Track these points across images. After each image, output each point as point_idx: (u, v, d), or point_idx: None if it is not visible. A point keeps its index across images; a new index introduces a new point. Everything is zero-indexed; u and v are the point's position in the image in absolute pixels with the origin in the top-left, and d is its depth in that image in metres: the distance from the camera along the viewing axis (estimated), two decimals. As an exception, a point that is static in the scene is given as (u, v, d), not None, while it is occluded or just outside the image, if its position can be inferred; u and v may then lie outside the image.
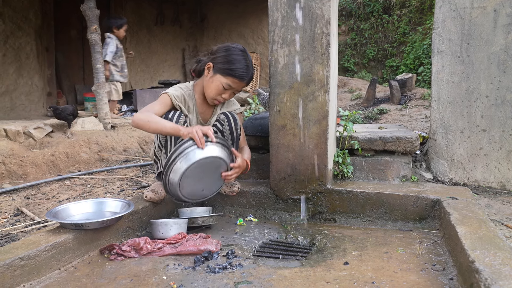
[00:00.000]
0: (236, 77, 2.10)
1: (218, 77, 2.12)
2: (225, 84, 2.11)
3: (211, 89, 2.14)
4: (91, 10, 4.40)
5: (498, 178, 2.48)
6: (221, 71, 2.11)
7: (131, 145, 4.26)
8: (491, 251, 1.36)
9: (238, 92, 2.21)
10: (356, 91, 6.92)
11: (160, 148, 2.14)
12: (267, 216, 2.36)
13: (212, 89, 2.14)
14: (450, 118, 2.54)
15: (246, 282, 1.53)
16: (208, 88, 2.16)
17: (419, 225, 2.09)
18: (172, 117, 2.06)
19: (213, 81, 2.13)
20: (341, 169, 2.42)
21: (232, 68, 2.09)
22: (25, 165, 3.56)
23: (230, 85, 2.12)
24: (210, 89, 2.14)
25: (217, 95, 2.15)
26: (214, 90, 2.14)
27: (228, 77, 2.10)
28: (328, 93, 2.17)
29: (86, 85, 6.66)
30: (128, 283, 1.55)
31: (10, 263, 1.48)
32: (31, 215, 2.41)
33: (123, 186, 2.98)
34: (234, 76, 2.10)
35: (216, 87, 2.13)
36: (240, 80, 2.12)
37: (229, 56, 2.11)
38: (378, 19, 9.66)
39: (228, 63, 2.10)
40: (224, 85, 2.11)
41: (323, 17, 2.13)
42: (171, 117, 2.06)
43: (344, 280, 1.52)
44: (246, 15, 7.70)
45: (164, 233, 1.96)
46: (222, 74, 2.11)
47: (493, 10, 2.41)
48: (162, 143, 2.11)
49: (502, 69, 2.42)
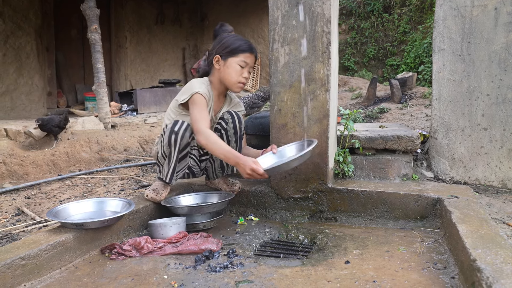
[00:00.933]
0: (245, 50, 2.16)
1: (231, 60, 2.16)
2: (240, 61, 2.15)
3: (231, 74, 2.17)
4: (91, 10, 4.39)
5: (499, 177, 2.48)
6: (230, 54, 2.16)
7: (132, 145, 4.26)
8: (492, 250, 1.35)
9: (251, 70, 2.23)
10: (356, 90, 6.92)
11: (163, 157, 2.16)
12: (268, 215, 2.36)
13: (232, 73, 2.17)
14: (451, 117, 2.53)
15: (247, 281, 1.53)
16: (227, 75, 2.17)
17: (420, 223, 2.09)
18: (179, 129, 2.07)
19: (229, 66, 2.16)
20: (342, 168, 2.41)
21: (237, 46, 2.15)
22: (26, 164, 3.56)
23: (244, 61, 2.16)
24: (230, 75, 2.17)
25: (238, 76, 2.17)
26: (234, 73, 2.16)
27: (239, 54, 2.15)
28: (328, 92, 2.16)
29: (86, 85, 6.66)
30: (129, 282, 1.55)
31: (11, 263, 1.48)
32: (32, 214, 2.41)
33: (124, 185, 2.98)
34: (243, 50, 2.15)
35: (234, 69, 2.16)
36: (250, 52, 2.17)
37: (228, 40, 2.18)
38: (379, 18, 9.65)
39: (231, 44, 2.16)
40: (240, 64, 2.16)
41: (323, 16, 2.12)
42: (177, 130, 2.06)
43: (345, 279, 1.51)
44: (247, 14, 7.70)
45: (163, 234, 1.96)
46: (232, 56, 2.16)
47: (494, 8, 2.41)
48: (166, 154, 2.13)
49: (503, 68, 2.42)
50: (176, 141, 2.06)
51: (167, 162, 2.14)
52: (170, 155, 2.11)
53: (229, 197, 2.23)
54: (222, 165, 2.35)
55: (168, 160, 2.13)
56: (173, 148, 2.08)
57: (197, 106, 2.09)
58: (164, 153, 2.13)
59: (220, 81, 2.21)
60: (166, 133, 2.09)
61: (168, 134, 2.07)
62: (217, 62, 2.19)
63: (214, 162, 2.35)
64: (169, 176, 2.18)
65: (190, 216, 2.17)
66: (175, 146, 2.08)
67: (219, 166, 2.35)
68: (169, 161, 2.13)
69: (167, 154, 2.12)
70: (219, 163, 2.34)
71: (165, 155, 2.13)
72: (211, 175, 2.42)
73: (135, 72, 7.17)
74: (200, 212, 2.16)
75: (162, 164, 2.19)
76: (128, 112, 5.53)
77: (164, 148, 2.11)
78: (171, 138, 2.06)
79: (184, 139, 2.08)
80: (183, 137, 2.07)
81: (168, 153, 2.11)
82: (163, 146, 2.12)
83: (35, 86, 5.62)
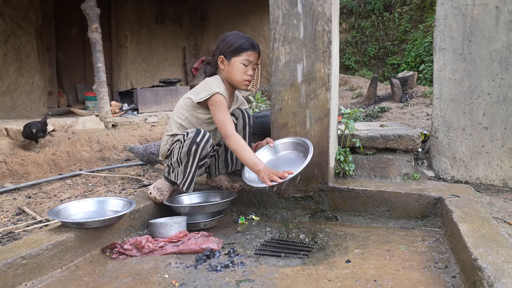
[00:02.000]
0: (247, 48, 2.18)
1: (234, 60, 2.18)
2: (243, 60, 2.18)
3: (235, 73, 2.19)
4: (92, 9, 4.39)
5: (500, 176, 2.48)
6: (233, 54, 2.18)
7: (132, 144, 4.26)
8: (494, 249, 1.35)
9: (256, 66, 2.26)
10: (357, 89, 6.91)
11: (178, 163, 2.16)
12: (268, 214, 2.36)
13: (236, 72, 2.19)
14: (452, 116, 2.53)
15: (248, 280, 1.53)
16: (232, 74, 2.20)
17: (421, 223, 2.09)
18: (201, 140, 2.09)
19: (233, 66, 2.19)
20: (343, 167, 2.41)
21: (239, 45, 2.18)
22: (26, 164, 3.56)
23: (247, 59, 2.18)
24: (235, 74, 2.19)
25: (243, 74, 2.20)
26: (238, 72, 2.19)
27: (241, 53, 2.18)
28: (329, 91, 2.16)
29: (87, 84, 6.65)
30: (130, 281, 1.55)
31: (12, 262, 1.48)
32: (33, 214, 2.41)
33: (124, 185, 2.98)
34: (245, 49, 2.18)
35: (238, 68, 2.18)
36: (252, 50, 2.19)
37: (230, 40, 2.20)
38: (379, 17, 9.64)
39: (233, 44, 2.18)
40: (243, 62, 2.18)
41: (324, 15, 2.12)
42: (199, 141, 2.08)
43: (346, 278, 1.51)
44: (247, 13, 7.69)
45: (164, 233, 1.95)
46: (235, 55, 2.18)
47: (495, 7, 2.40)
48: (182, 162, 2.13)
49: (504, 67, 2.41)
50: (196, 151, 2.08)
51: (183, 169, 2.14)
52: (187, 164, 2.12)
53: (232, 196, 2.23)
54: (227, 162, 2.36)
55: (185, 167, 2.14)
56: (193, 158, 2.10)
57: (220, 108, 2.11)
58: (180, 159, 2.13)
59: (227, 80, 2.23)
60: (186, 141, 2.08)
61: (189, 143, 2.07)
62: (221, 62, 2.22)
63: (219, 158, 2.37)
64: (186, 185, 2.18)
65: (191, 215, 2.17)
66: (194, 156, 2.10)
67: (223, 162, 2.37)
68: (185, 168, 2.14)
69: (183, 161, 2.13)
70: (223, 158, 2.36)
71: (181, 161, 2.14)
72: (213, 172, 2.42)
73: (136, 72, 7.17)
74: (202, 211, 2.16)
75: (176, 169, 2.19)
76: (128, 111, 5.53)
77: (182, 155, 2.11)
78: (191, 148, 2.07)
79: (204, 151, 2.11)
80: (204, 148, 2.09)
81: (185, 161, 2.12)
82: (180, 153, 2.12)
83: (35, 86, 5.62)
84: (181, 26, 7.80)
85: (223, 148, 2.37)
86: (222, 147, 2.37)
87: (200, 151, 2.08)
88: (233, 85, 2.25)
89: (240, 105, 2.39)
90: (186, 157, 2.10)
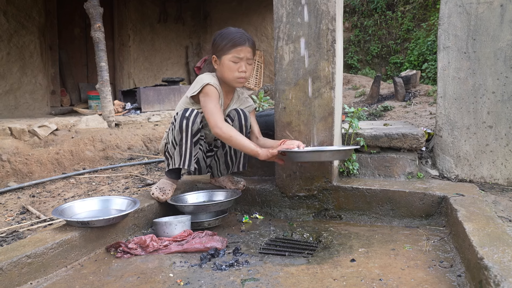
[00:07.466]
0: (236, 45, 2.13)
1: (224, 58, 2.16)
2: (232, 58, 2.14)
3: (226, 72, 2.17)
4: (95, 8, 4.39)
5: (504, 175, 2.47)
6: (222, 52, 2.16)
7: (136, 143, 4.26)
8: (499, 248, 1.34)
9: (251, 61, 2.21)
10: (360, 88, 6.90)
11: (174, 146, 2.15)
12: (272, 213, 2.35)
13: (226, 70, 2.17)
14: (456, 115, 2.52)
15: (253, 279, 1.52)
16: (224, 73, 2.18)
17: (426, 222, 2.08)
18: (190, 115, 2.10)
19: (224, 64, 2.17)
20: (347, 166, 2.41)
21: (226, 42, 2.14)
22: (30, 163, 3.57)
23: (236, 56, 2.14)
24: (226, 72, 2.17)
25: (234, 71, 2.16)
26: (228, 70, 2.16)
27: (229, 50, 2.14)
28: (333, 89, 2.16)
29: (90, 83, 6.66)
30: (134, 280, 1.55)
31: (17, 261, 1.48)
32: (37, 213, 2.42)
33: (128, 183, 2.98)
34: (233, 45, 2.13)
35: (227, 66, 2.16)
36: (241, 44, 2.13)
37: (219, 38, 2.18)
38: (382, 16, 9.62)
39: (221, 42, 2.16)
40: (232, 60, 2.14)
41: (328, 13, 2.12)
42: (188, 115, 2.10)
43: (351, 277, 1.51)
44: (249, 12, 7.68)
45: (169, 232, 1.95)
46: (225, 54, 2.15)
47: (499, 5, 2.39)
48: (177, 141, 2.13)
49: (509, 65, 2.40)
50: (188, 126, 2.08)
51: (179, 149, 2.12)
52: (182, 141, 2.11)
53: (236, 195, 2.23)
54: (227, 163, 2.34)
55: (180, 146, 2.12)
56: (185, 133, 2.09)
57: (209, 98, 2.11)
58: (175, 140, 2.13)
59: (222, 80, 2.22)
60: (177, 120, 2.11)
61: (179, 119, 2.09)
62: (215, 62, 2.22)
63: (219, 160, 2.35)
64: (187, 162, 2.13)
65: (196, 214, 2.17)
66: (187, 131, 2.09)
67: (224, 164, 2.35)
68: (180, 147, 2.12)
69: (177, 140, 2.12)
70: (224, 161, 2.34)
71: (175, 142, 2.13)
72: (215, 173, 2.42)
73: (138, 71, 7.17)
74: (207, 210, 2.16)
75: (172, 154, 2.18)
76: (131, 110, 5.53)
77: (175, 134, 2.12)
78: (182, 123, 2.08)
79: (195, 125, 2.11)
80: (194, 122, 2.09)
81: (179, 139, 2.11)
82: (174, 134, 2.13)
83: (38, 85, 5.63)
84: (183, 25, 7.80)
85: (221, 149, 2.34)
86: (221, 149, 2.35)
87: (191, 125, 2.08)
88: (228, 84, 2.23)
89: (243, 103, 2.36)
90: (179, 134, 2.10)
